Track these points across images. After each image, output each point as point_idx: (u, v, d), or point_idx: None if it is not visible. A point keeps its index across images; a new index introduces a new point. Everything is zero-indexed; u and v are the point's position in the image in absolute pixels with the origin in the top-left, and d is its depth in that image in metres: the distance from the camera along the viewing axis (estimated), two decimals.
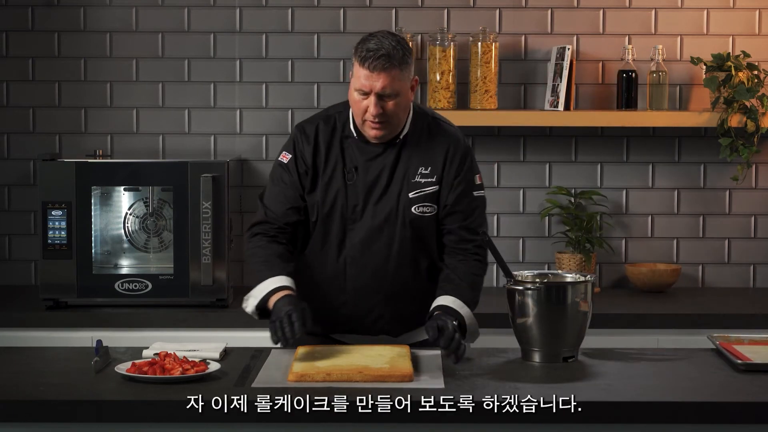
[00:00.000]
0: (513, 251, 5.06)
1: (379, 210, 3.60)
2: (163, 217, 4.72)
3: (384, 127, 3.55)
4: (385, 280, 3.62)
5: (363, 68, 3.49)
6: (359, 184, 3.60)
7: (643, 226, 5.10)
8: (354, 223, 3.61)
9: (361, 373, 3.21)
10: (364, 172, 3.60)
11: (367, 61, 3.47)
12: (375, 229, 3.60)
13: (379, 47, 3.48)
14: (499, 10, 5.05)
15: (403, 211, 3.60)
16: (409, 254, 3.62)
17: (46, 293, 4.57)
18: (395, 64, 3.49)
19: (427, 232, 3.63)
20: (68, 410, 3.03)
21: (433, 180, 3.61)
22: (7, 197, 5.08)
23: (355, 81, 3.52)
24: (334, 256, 3.63)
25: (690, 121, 4.90)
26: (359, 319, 3.66)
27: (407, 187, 3.60)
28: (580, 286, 3.46)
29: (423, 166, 3.61)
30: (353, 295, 3.64)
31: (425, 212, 3.62)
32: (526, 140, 5.07)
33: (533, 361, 3.45)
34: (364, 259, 3.61)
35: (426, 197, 3.61)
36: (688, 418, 3.03)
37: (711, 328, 4.24)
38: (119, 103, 5.06)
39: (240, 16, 5.04)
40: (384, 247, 3.61)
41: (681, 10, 5.04)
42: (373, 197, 3.60)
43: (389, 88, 3.49)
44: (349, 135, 3.63)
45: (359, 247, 3.61)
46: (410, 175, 3.60)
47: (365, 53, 3.48)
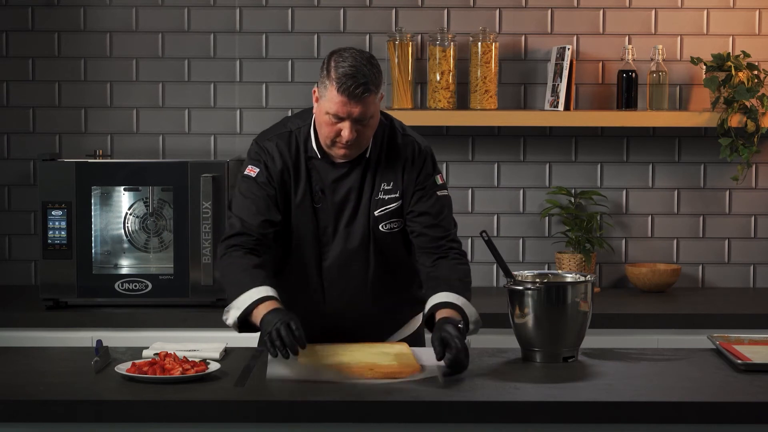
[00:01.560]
0: (513, 251, 5.06)
1: (353, 233, 3.52)
2: (163, 217, 4.72)
3: (354, 148, 3.45)
4: (365, 300, 3.58)
5: (340, 95, 3.33)
6: (328, 206, 3.51)
7: (643, 226, 5.10)
8: (327, 245, 3.53)
9: (371, 371, 3.22)
10: (331, 193, 3.51)
11: (344, 88, 3.32)
12: (350, 252, 3.53)
13: (355, 72, 3.33)
14: (499, 10, 5.05)
15: (373, 231, 3.53)
16: (386, 271, 3.58)
17: (46, 293, 4.57)
18: (373, 90, 3.36)
19: (398, 245, 3.58)
20: (68, 410, 3.03)
21: (396, 195, 3.53)
22: (7, 197, 5.08)
23: (328, 105, 3.37)
24: (313, 278, 3.55)
25: (690, 121, 4.90)
26: (341, 333, 3.59)
27: (373, 205, 3.52)
28: (580, 286, 3.46)
29: (385, 182, 3.52)
30: (334, 317, 3.59)
31: (393, 228, 3.55)
32: (526, 140, 5.07)
33: (533, 361, 3.45)
34: (343, 281, 3.56)
35: (392, 213, 3.54)
36: (688, 418, 3.03)
37: (711, 328, 4.24)
38: (119, 103, 5.07)
39: (240, 16, 5.04)
40: (361, 269, 3.55)
41: (681, 10, 5.05)
42: (343, 219, 3.52)
43: (367, 114, 3.38)
44: (312, 155, 3.51)
45: (336, 270, 3.54)
46: (375, 192, 3.52)
47: (343, 80, 3.32)
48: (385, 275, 3.59)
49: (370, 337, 3.58)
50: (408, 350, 3.43)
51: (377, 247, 3.55)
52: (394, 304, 3.65)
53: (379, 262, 3.56)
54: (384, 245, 3.56)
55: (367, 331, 3.60)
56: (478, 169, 5.06)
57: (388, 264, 3.59)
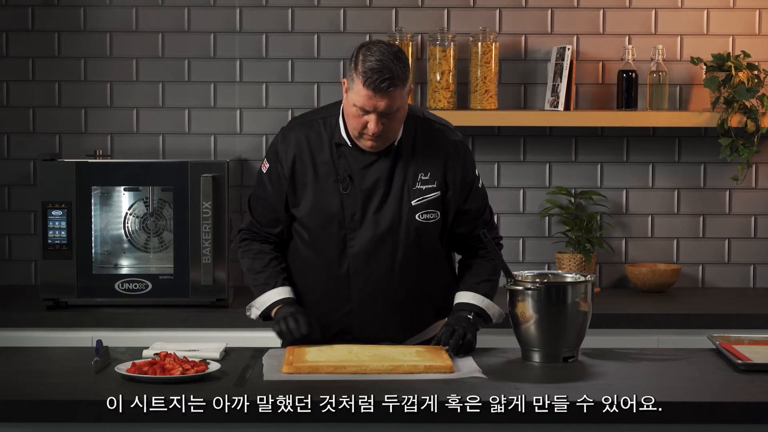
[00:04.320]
0: (513, 251, 5.06)
1: (382, 219, 3.55)
2: (163, 217, 4.72)
3: (381, 140, 3.50)
4: (391, 288, 3.59)
5: (366, 89, 3.38)
6: (356, 192, 3.55)
7: (643, 226, 5.10)
8: (354, 232, 3.56)
9: (394, 369, 3.26)
10: (359, 180, 3.55)
11: (370, 82, 3.37)
12: (378, 238, 3.56)
13: (381, 67, 3.37)
14: (499, 10, 5.05)
15: (407, 218, 3.56)
16: (414, 261, 3.59)
17: (46, 293, 4.57)
18: (399, 84, 3.41)
19: (431, 238, 3.61)
20: (68, 410, 3.03)
21: (434, 186, 3.58)
22: (7, 197, 5.08)
23: (355, 97, 3.42)
24: (336, 266, 3.58)
25: (690, 121, 4.90)
26: (364, 327, 3.62)
27: (408, 194, 3.56)
28: (580, 286, 3.46)
29: (422, 172, 3.57)
30: (359, 304, 3.60)
31: (429, 219, 3.59)
32: (526, 140, 5.07)
33: (533, 361, 3.45)
34: (369, 267, 3.57)
35: (429, 204, 3.58)
36: (688, 418, 3.03)
37: (711, 328, 4.24)
38: (119, 103, 5.07)
39: (240, 16, 5.04)
40: (388, 255, 3.57)
41: (681, 10, 5.05)
42: (372, 206, 3.55)
43: (393, 108, 3.42)
44: (341, 143, 3.56)
45: (363, 256, 3.57)
46: (410, 182, 3.56)
47: (369, 74, 3.36)
48: (411, 265, 3.60)
49: (392, 330, 3.62)
50: (424, 350, 3.46)
51: (407, 237, 3.58)
52: (420, 297, 3.64)
53: (407, 250, 3.58)
54: (417, 236, 3.58)
55: (391, 324, 3.62)
56: (478, 169, 5.04)
57: (416, 254, 3.60)
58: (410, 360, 3.32)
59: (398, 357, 3.35)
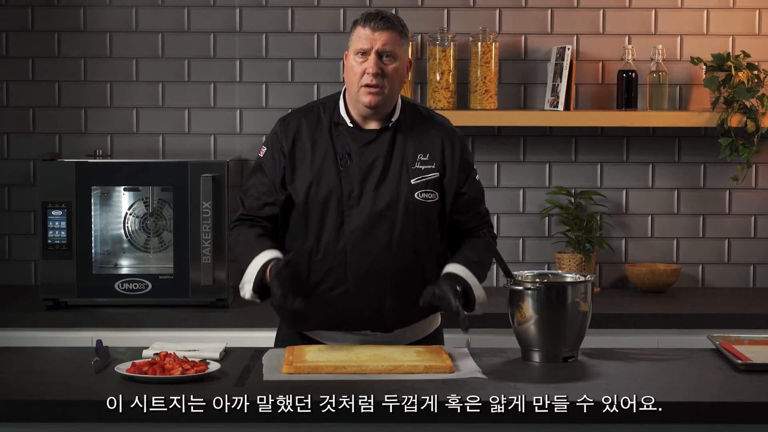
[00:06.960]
0: (513, 251, 5.06)
1: (380, 195, 3.58)
2: (163, 217, 4.72)
3: (380, 93, 3.56)
4: (387, 268, 3.60)
5: (364, 29, 3.56)
6: (354, 170, 3.59)
7: (643, 226, 5.10)
8: (351, 209, 3.58)
9: (394, 369, 3.26)
10: (357, 157, 3.59)
11: (369, 21, 3.56)
12: (376, 214, 3.58)
13: (378, 11, 3.60)
14: (499, 10, 5.05)
15: (406, 197, 3.59)
16: (410, 240, 3.61)
17: (46, 293, 4.57)
18: (396, 28, 3.58)
19: (429, 217, 3.63)
20: (68, 410, 3.03)
21: (433, 167, 3.62)
22: (7, 197, 5.09)
23: (355, 43, 3.58)
24: (333, 244, 3.60)
25: (690, 121, 4.90)
26: (358, 310, 3.61)
27: (407, 173, 3.60)
28: (580, 286, 3.46)
29: (421, 153, 3.63)
30: (355, 284, 3.60)
31: (428, 198, 3.62)
32: (526, 140, 5.08)
33: (533, 361, 3.45)
34: (366, 245, 3.59)
35: (428, 183, 3.61)
36: (688, 418, 3.03)
37: (711, 328, 4.24)
38: (119, 103, 5.07)
39: (240, 16, 5.04)
40: (386, 233, 3.59)
41: (681, 10, 5.05)
42: (370, 183, 3.59)
43: (389, 47, 3.55)
44: (339, 122, 3.63)
45: (360, 233, 3.58)
46: (409, 161, 3.61)
47: (366, 15, 3.58)
48: (408, 244, 3.61)
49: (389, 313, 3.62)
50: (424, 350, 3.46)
51: (405, 215, 3.60)
52: (414, 277, 3.63)
53: (405, 229, 3.60)
54: (415, 215, 3.61)
55: (387, 306, 3.61)
56: (478, 169, 4.97)
57: (414, 233, 3.61)
58: (410, 360, 3.32)
59: (398, 357, 3.35)
